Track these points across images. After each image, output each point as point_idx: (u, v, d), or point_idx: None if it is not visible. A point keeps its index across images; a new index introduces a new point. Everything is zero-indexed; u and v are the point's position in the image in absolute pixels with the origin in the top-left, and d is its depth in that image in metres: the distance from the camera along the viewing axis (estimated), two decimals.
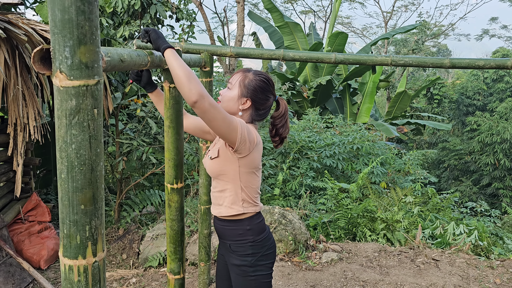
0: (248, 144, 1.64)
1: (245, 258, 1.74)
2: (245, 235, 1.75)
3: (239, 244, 1.75)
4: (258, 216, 1.79)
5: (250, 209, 1.75)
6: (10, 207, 4.02)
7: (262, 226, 1.79)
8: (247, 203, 1.74)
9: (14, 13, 3.51)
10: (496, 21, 27.07)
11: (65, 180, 0.95)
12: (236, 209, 1.74)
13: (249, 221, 1.75)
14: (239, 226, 1.75)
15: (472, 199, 13.06)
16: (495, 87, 16.75)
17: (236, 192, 1.73)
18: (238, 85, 1.75)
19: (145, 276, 3.61)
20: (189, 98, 1.40)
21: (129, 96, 4.80)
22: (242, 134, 1.60)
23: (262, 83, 1.76)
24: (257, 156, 1.72)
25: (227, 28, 17.32)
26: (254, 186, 1.76)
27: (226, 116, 1.52)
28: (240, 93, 1.74)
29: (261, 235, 1.77)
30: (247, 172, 1.71)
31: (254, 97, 1.74)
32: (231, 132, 1.56)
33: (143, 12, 4.67)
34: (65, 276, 1.00)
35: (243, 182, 1.72)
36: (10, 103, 3.04)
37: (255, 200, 1.78)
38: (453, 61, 2.70)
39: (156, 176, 5.68)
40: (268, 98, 1.78)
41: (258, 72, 1.79)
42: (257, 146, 1.70)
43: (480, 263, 3.82)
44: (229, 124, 1.53)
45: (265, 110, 1.80)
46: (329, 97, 11.24)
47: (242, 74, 1.77)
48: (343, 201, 4.72)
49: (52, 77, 0.93)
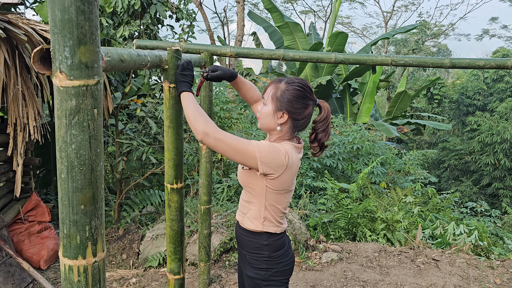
0: (274, 169, 1.56)
1: (259, 272, 1.70)
2: (261, 250, 1.70)
3: (254, 257, 1.71)
4: (280, 234, 1.73)
5: (271, 229, 1.69)
6: (10, 207, 4.02)
7: (281, 243, 1.72)
8: (268, 222, 1.69)
9: (14, 13, 3.51)
10: (496, 21, 27.06)
11: (65, 180, 0.95)
12: (256, 224, 1.70)
13: (267, 236, 1.70)
14: (257, 240, 1.71)
15: (472, 199, 13.06)
16: (495, 87, 16.74)
17: (260, 209, 1.67)
18: (271, 99, 1.64)
19: (145, 276, 3.61)
20: (196, 136, 1.51)
21: (129, 96, 4.80)
22: (263, 161, 1.53)
23: (297, 92, 1.62)
24: (288, 178, 1.62)
25: (227, 28, 17.32)
26: (280, 207, 1.69)
27: (238, 146, 1.50)
28: (274, 108, 1.63)
29: (278, 252, 1.71)
30: (275, 192, 1.64)
31: (290, 109, 1.62)
32: (248, 159, 1.53)
33: (143, 12, 4.67)
34: (65, 276, 1.00)
35: (268, 201, 1.65)
36: (10, 103, 3.04)
37: (279, 219, 1.71)
38: (453, 61, 2.70)
39: (156, 176, 5.68)
40: (306, 106, 1.64)
41: (291, 80, 1.66)
42: (288, 168, 1.60)
43: (480, 263, 3.82)
44: (243, 153, 1.51)
45: (306, 119, 1.66)
46: (329, 97, 11.24)
47: (274, 86, 1.66)
48: (343, 201, 4.72)
49: (52, 77, 0.93)
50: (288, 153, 1.59)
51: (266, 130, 1.70)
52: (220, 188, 5.02)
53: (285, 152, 1.58)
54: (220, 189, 5.02)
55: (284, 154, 1.58)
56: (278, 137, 1.67)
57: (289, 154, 1.59)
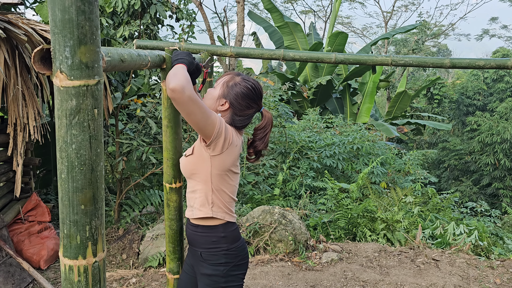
0: (222, 140, 1.59)
1: (217, 268, 1.65)
2: (218, 243, 1.66)
3: (212, 252, 1.67)
4: (233, 224, 1.71)
5: (220, 215, 1.66)
6: (10, 207, 4.02)
7: (237, 234, 1.71)
8: (217, 208, 1.66)
9: (14, 13, 3.51)
10: (496, 21, 27.07)
11: (65, 180, 0.95)
12: (204, 211, 1.66)
13: (223, 227, 1.67)
14: (213, 233, 1.67)
15: (472, 199, 13.05)
16: (495, 87, 16.74)
17: (207, 194, 1.65)
18: (222, 85, 1.70)
19: (145, 276, 3.61)
20: (170, 87, 1.40)
21: (129, 96, 4.80)
22: (220, 129, 1.57)
23: (246, 90, 1.68)
24: (230, 158, 1.65)
25: (227, 28, 17.32)
26: (227, 191, 1.68)
27: (206, 110, 1.51)
28: (221, 93, 1.69)
29: (235, 243, 1.69)
30: (219, 174, 1.64)
31: (233, 101, 1.67)
32: (208, 126, 1.54)
33: (143, 12, 4.67)
34: (65, 276, 1.00)
35: (214, 184, 1.64)
36: (10, 103, 3.04)
37: (228, 206, 1.69)
38: (453, 61, 2.70)
39: (156, 176, 5.67)
40: (248, 107, 1.69)
41: (247, 78, 1.72)
42: (232, 147, 1.63)
43: (480, 263, 3.82)
44: (207, 118, 1.52)
45: (244, 117, 1.70)
46: (329, 97, 11.24)
47: (230, 76, 1.72)
48: (343, 201, 4.72)
49: (52, 77, 0.93)
50: (233, 132, 1.66)
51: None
52: None
53: (231, 131, 1.65)
54: None
55: (232, 132, 1.65)
56: None
57: (233, 133, 1.66)
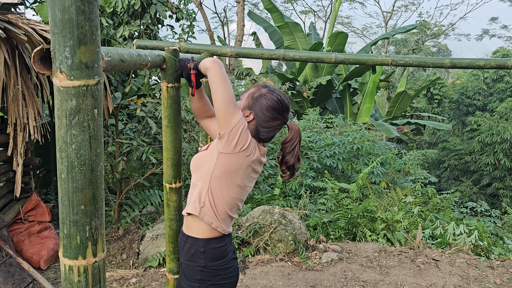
0: (236, 139, 1.49)
1: (193, 284, 1.57)
2: (197, 257, 1.57)
3: (190, 265, 1.59)
4: (220, 241, 1.59)
5: (207, 219, 1.56)
6: (10, 207, 4.02)
7: (220, 253, 1.58)
8: (206, 210, 1.56)
9: (14, 13, 3.51)
10: (496, 21, 27.06)
11: (65, 180, 0.95)
12: (192, 208, 1.58)
13: (205, 242, 1.57)
14: (194, 246, 1.58)
15: (472, 199, 13.05)
16: (495, 87, 16.73)
17: (201, 191, 1.57)
18: (247, 97, 1.66)
19: (145, 276, 3.61)
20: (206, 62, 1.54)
21: (129, 96, 4.80)
22: (238, 125, 1.48)
23: (272, 102, 1.62)
24: (237, 164, 1.54)
25: (227, 28, 17.32)
26: (224, 200, 1.56)
27: (232, 97, 1.48)
28: (246, 105, 1.64)
29: (215, 261, 1.57)
30: (219, 176, 1.55)
31: (258, 112, 1.61)
32: (228, 114, 1.47)
33: (143, 12, 4.67)
34: (65, 276, 1.00)
35: (212, 185, 1.56)
36: (10, 103, 3.04)
37: (220, 216, 1.57)
38: (453, 61, 2.70)
39: (156, 176, 5.67)
40: (274, 118, 1.62)
41: (273, 90, 1.66)
42: (243, 153, 1.53)
43: (480, 263, 3.82)
44: (230, 104, 1.47)
45: (268, 129, 1.62)
46: (329, 97, 11.24)
47: (257, 88, 1.67)
48: (343, 201, 4.72)
49: (52, 77, 0.93)
50: (253, 144, 1.56)
51: None
52: None
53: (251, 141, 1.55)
54: None
55: (250, 140, 1.54)
56: None
57: (252, 144, 1.56)
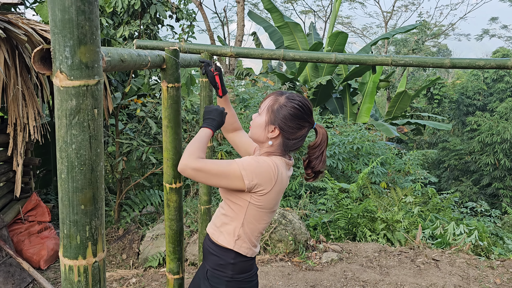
0: (262, 185, 1.45)
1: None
2: (225, 268, 1.57)
3: (216, 274, 1.58)
4: (249, 258, 1.60)
5: (243, 250, 1.57)
6: (10, 207, 4.02)
7: (247, 266, 1.59)
8: (241, 241, 1.56)
9: (14, 13, 3.51)
10: (496, 21, 27.06)
11: (65, 180, 0.95)
12: (228, 241, 1.57)
13: (236, 255, 1.57)
14: (224, 256, 1.57)
15: (472, 199, 13.06)
16: (495, 87, 16.74)
17: (236, 226, 1.55)
18: (267, 111, 1.54)
19: (145, 276, 3.61)
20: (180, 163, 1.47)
21: (129, 96, 4.80)
22: (250, 178, 1.44)
23: (294, 110, 1.51)
24: (276, 195, 1.51)
25: (227, 28, 17.32)
26: (259, 226, 1.56)
27: (219, 170, 1.43)
28: (267, 120, 1.52)
29: (242, 274, 1.58)
30: (258, 209, 1.51)
31: (283, 126, 1.51)
32: (234, 181, 1.44)
33: (143, 12, 4.67)
34: (65, 276, 1.00)
35: (248, 218, 1.53)
36: (10, 103, 3.04)
37: (254, 240, 1.59)
38: (453, 61, 2.70)
39: (156, 176, 5.68)
40: (300, 127, 1.53)
41: (292, 96, 1.54)
42: (278, 184, 1.49)
43: (480, 263, 3.82)
44: (227, 176, 1.43)
45: (297, 140, 1.54)
46: (329, 97, 11.24)
47: (273, 98, 1.55)
48: (343, 201, 4.72)
49: (52, 77, 0.93)
50: (278, 167, 1.50)
51: (256, 142, 1.61)
52: None
53: (274, 166, 1.49)
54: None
55: (273, 167, 1.48)
56: (267, 152, 1.57)
57: (279, 169, 1.49)
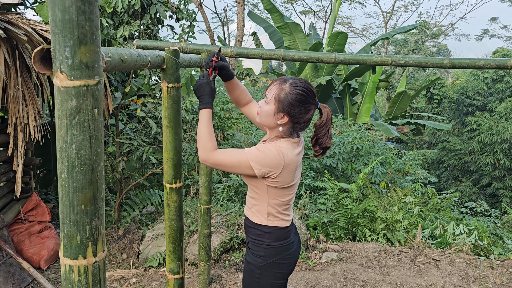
0: (271, 171, 1.61)
1: (256, 259, 1.73)
2: (262, 237, 1.73)
3: (256, 243, 1.75)
4: (283, 227, 1.75)
5: (276, 223, 1.73)
6: (10, 207, 4.02)
7: (283, 234, 1.74)
8: (272, 217, 1.72)
9: (14, 13, 3.51)
10: (496, 21, 27.06)
11: (66, 180, 0.95)
12: (260, 219, 1.74)
13: (270, 226, 1.73)
14: (260, 228, 1.74)
15: (472, 199, 13.06)
16: (495, 87, 16.74)
17: (263, 205, 1.71)
18: (274, 100, 1.65)
19: (145, 276, 3.61)
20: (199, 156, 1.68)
21: (129, 96, 4.80)
22: (258, 167, 1.60)
23: (299, 96, 1.62)
24: (288, 175, 1.65)
25: (227, 28, 17.32)
26: (284, 200, 1.71)
27: (233, 162, 1.61)
28: (276, 108, 1.64)
29: (278, 242, 1.73)
30: (277, 188, 1.67)
31: (291, 112, 1.63)
32: (245, 170, 1.61)
33: (143, 12, 4.67)
34: (66, 276, 1.00)
35: (271, 196, 1.69)
36: (10, 103, 3.04)
37: (284, 211, 1.73)
38: (453, 61, 2.70)
39: (156, 176, 5.68)
40: (307, 111, 1.65)
41: (295, 83, 1.64)
42: (286, 166, 1.62)
43: (480, 263, 3.82)
44: (239, 166, 1.61)
45: (305, 123, 1.68)
46: (329, 97, 11.24)
47: (278, 87, 1.65)
48: (343, 201, 4.72)
49: (52, 77, 0.93)
50: (283, 151, 1.62)
51: (267, 127, 1.74)
52: (220, 188, 5.02)
53: (279, 152, 1.61)
54: (220, 189, 5.02)
55: (278, 154, 1.61)
56: (277, 136, 1.71)
57: (283, 153, 1.62)
